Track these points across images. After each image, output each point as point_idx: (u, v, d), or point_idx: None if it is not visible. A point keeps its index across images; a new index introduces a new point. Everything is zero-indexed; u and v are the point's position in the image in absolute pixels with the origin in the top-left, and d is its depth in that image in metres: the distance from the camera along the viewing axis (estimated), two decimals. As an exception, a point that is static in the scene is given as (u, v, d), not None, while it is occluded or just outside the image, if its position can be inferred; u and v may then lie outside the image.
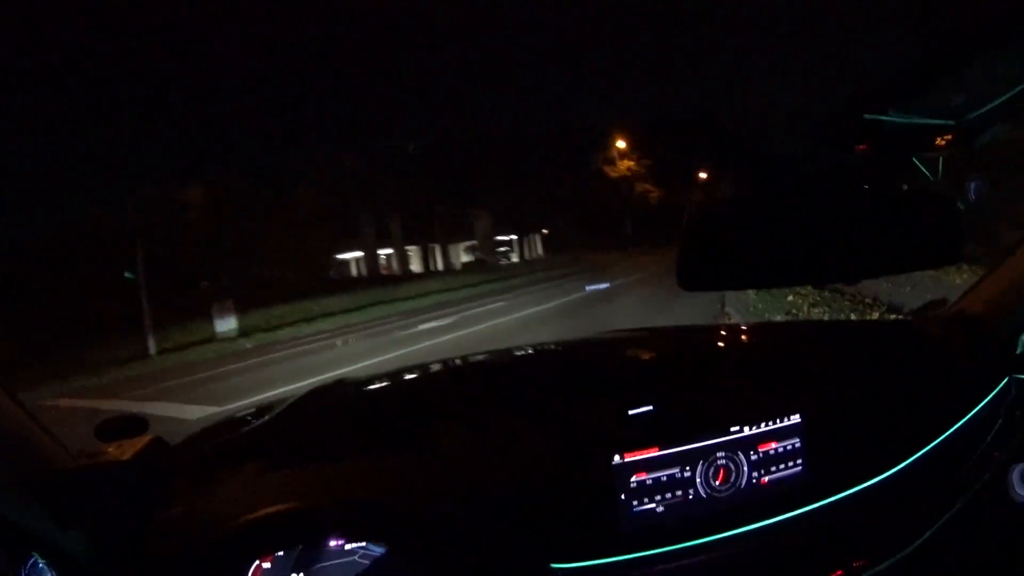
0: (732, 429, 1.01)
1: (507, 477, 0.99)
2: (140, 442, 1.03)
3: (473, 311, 12.78)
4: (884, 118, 0.60)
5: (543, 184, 28.51)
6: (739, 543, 0.99)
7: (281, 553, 0.92)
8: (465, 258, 31.48)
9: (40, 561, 0.93)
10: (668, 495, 0.99)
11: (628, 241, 32.20)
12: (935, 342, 1.23)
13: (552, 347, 1.84)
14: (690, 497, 0.99)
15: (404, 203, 23.88)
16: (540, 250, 34.35)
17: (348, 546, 0.94)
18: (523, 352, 1.75)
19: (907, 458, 1.06)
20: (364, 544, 0.93)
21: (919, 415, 1.09)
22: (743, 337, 1.72)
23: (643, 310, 9.69)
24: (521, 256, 32.87)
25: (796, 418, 1.03)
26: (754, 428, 1.02)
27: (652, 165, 33.58)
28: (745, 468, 1.01)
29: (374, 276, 24.21)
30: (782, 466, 1.03)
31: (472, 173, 24.37)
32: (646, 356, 1.50)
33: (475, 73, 0.55)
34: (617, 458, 0.98)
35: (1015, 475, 1.07)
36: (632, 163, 33.16)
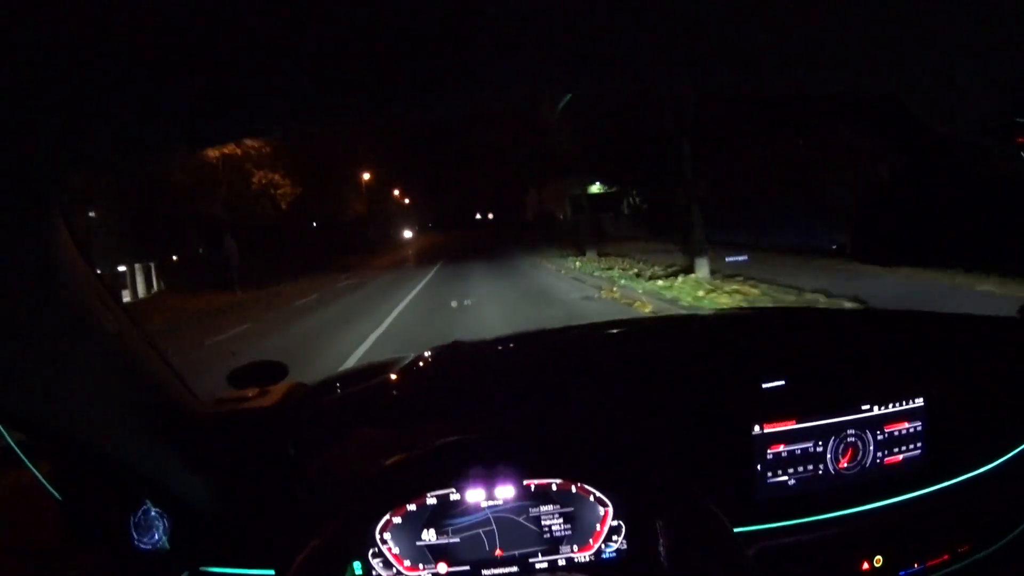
0: (863, 407, 1.04)
1: (645, 445, 0.99)
2: (282, 388, 1.00)
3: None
4: None
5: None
6: (857, 521, 1.02)
7: (412, 508, 0.93)
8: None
9: (152, 508, 0.92)
10: (800, 468, 1.01)
11: (234, 278, 17.10)
12: None
13: (671, 321, 1.88)
14: (820, 472, 1.02)
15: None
16: (157, 285, 26.82)
17: (481, 502, 0.94)
18: (641, 325, 1.77)
19: (1013, 448, 1.09)
20: (495, 498, 0.94)
21: None
22: (861, 320, 1.74)
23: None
24: (135, 295, 24.76)
25: (920, 401, 1.05)
26: (882, 408, 1.04)
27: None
28: (871, 447, 1.04)
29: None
30: (904, 448, 1.05)
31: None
32: (768, 333, 1.50)
33: None
34: (757, 428, 1.00)
35: None
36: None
